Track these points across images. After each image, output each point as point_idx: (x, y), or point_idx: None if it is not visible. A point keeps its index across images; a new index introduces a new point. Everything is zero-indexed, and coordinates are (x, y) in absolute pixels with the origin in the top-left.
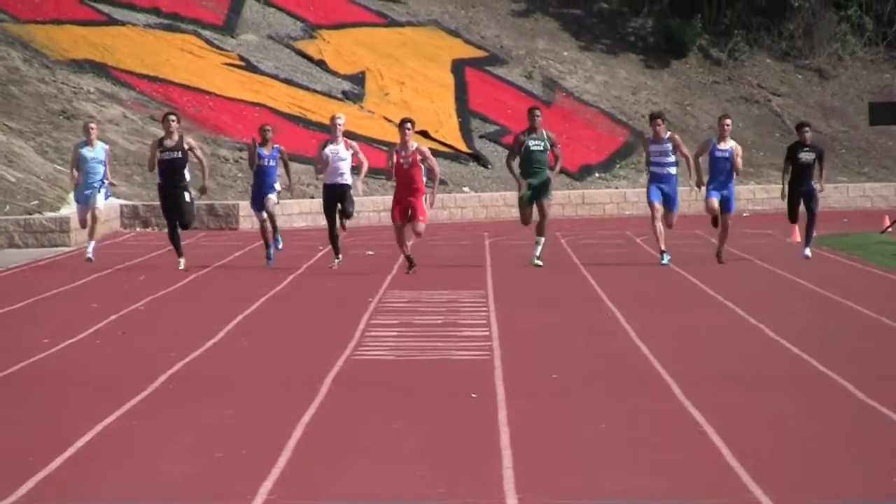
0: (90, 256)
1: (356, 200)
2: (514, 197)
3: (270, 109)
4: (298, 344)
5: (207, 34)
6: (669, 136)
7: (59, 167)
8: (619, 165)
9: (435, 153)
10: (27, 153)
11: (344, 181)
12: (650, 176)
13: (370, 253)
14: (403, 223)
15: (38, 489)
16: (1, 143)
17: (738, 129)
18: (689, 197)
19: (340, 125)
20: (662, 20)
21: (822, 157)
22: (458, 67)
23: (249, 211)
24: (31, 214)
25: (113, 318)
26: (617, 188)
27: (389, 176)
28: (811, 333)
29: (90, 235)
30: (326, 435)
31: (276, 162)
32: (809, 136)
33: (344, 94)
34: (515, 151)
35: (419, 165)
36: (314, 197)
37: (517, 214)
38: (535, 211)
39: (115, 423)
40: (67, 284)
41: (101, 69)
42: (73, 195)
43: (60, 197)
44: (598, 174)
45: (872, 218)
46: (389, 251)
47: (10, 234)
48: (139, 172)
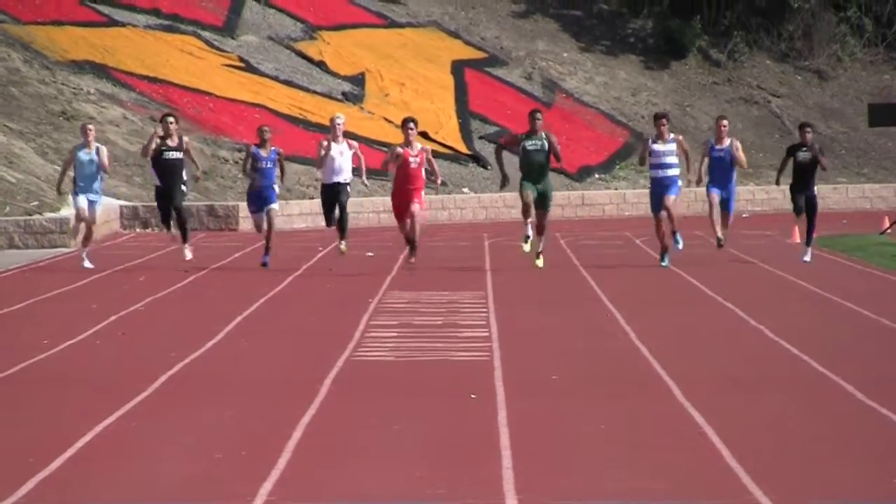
0: (87, 265)
1: (355, 200)
2: (514, 198)
3: (270, 111)
4: (298, 345)
5: (207, 35)
6: (673, 137)
7: (59, 168)
8: (618, 166)
9: (435, 154)
10: (27, 154)
11: (343, 180)
12: (651, 181)
13: (370, 254)
14: (406, 214)
15: (37, 490)
16: (1, 144)
17: (737, 129)
18: (688, 198)
19: (340, 125)
20: (662, 21)
21: (818, 157)
22: (457, 68)
23: (249, 212)
24: (31, 215)
25: (113, 318)
26: (616, 189)
27: (386, 166)
28: (811, 334)
29: (84, 243)
30: (326, 436)
31: (273, 164)
32: (810, 136)
33: (344, 95)
34: (506, 146)
35: (423, 165)
36: (314, 198)
37: (517, 215)
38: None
39: (114, 423)
40: (67, 285)
41: (101, 70)
42: (64, 185)
43: (65, 200)
44: (597, 175)
45: (872, 219)
46: (389, 252)
47: (10, 234)
48: (139, 173)
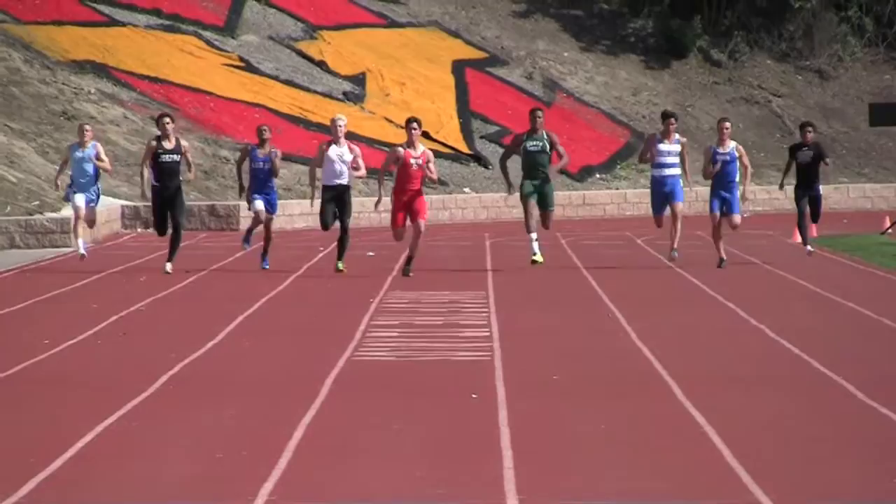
0: (83, 252)
1: (355, 199)
2: (515, 198)
3: (271, 110)
4: (299, 345)
5: (208, 35)
6: (679, 138)
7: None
8: (619, 166)
9: (436, 154)
10: (28, 154)
11: (343, 182)
12: (652, 182)
13: (370, 254)
14: (404, 228)
15: (38, 490)
16: (2, 144)
17: (738, 129)
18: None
19: (341, 126)
20: (663, 21)
21: (821, 156)
22: (458, 68)
23: (250, 212)
24: (32, 215)
25: (114, 319)
26: (617, 189)
27: (382, 176)
28: (812, 334)
29: (78, 234)
30: (327, 436)
31: (269, 165)
32: (811, 136)
33: (345, 94)
34: (511, 151)
35: (424, 167)
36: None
37: (518, 215)
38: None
39: (115, 423)
40: (68, 285)
41: (101, 70)
42: (61, 181)
43: (61, 198)
44: (598, 175)
45: (873, 219)
46: (390, 252)
47: (11, 234)
48: (148, 184)
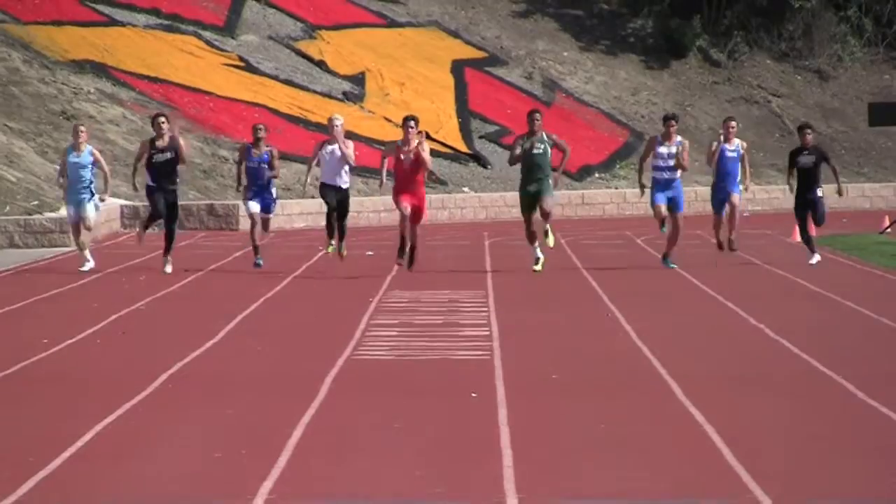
0: (88, 267)
1: (354, 200)
2: (514, 198)
3: (270, 110)
4: (299, 344)
5: (207, 35)
6: (680, 140)
7: (59, 168)
8: (619, 166)
9: (435, 153)
10: (27, 154)
11: (340, 184)
12: (653, 181)
13: (370, 253)
14: (405, 205)
15: (38, 489)
16: (1, 143)
17: (738, 129)
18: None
19: (338, 126)
20: (662, 21)
21: (826, 158)
22: (458, 68)
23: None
24: (31, 215)
25: (113, 318)
26: (617, 188)
27: (382, 179)
28: (811, 333)
29: (81, 247)
30: (327, 434)
31: (266, 164)
32: (810, 138)
33: (344, 94)
34: (516, 154)
35: (418, 163)
36: (314, 197)
37: (518, 215)
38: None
39: (114, 422)
40: (67, 285)
41: (101, 70)
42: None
43: (60, 197)
44: (597, 174)
45: (872, 218)
46: (389, 251)
47: (10, 234)
48: (140, 173)
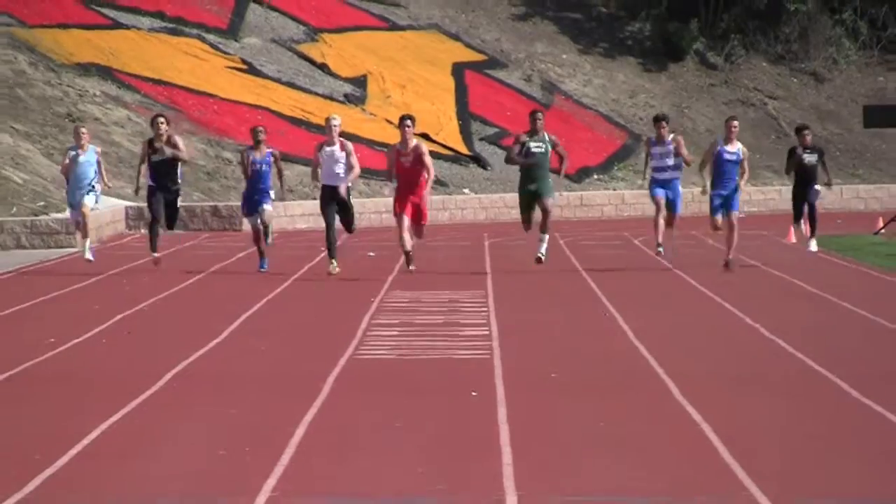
0: (89, 257)
1: (356, 201)
2: (513, 199)
3: (273, 112)
4: (301, 343)
5: (211, 38)
6: (672, 137)
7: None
8: (617, 168)
9: (436, 155)
10: (33, 155)
11: (341, 182)
12: (651, 179)
13: (371, 254)
14: (405, 215)
15: (44, 486)
16: (8, 145)
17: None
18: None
19: (336, 127)
20: (660, 24)
21: (822, 155)
22: (458, 70)
23: (243, 214)
24: (37, 216)
25: (118, 318)
26: (615, 190)
27: (391, 176)
28: (807, 333)
29: (83, 234)
30: (329, 432)
31: (268, 167)
32: (810, 138)
33: (346, 96)
34: (513, 153)
35: (420, 162)
36: (316, 198)
37: (517, 216)
38: (536, 212)
39: (120, 421)
40: (73, 285)
41: (106, 72)
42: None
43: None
44: (596, 176)
45: (866, 219)
46: (390, 252)
47: (16, 235)
48: (144, 174)
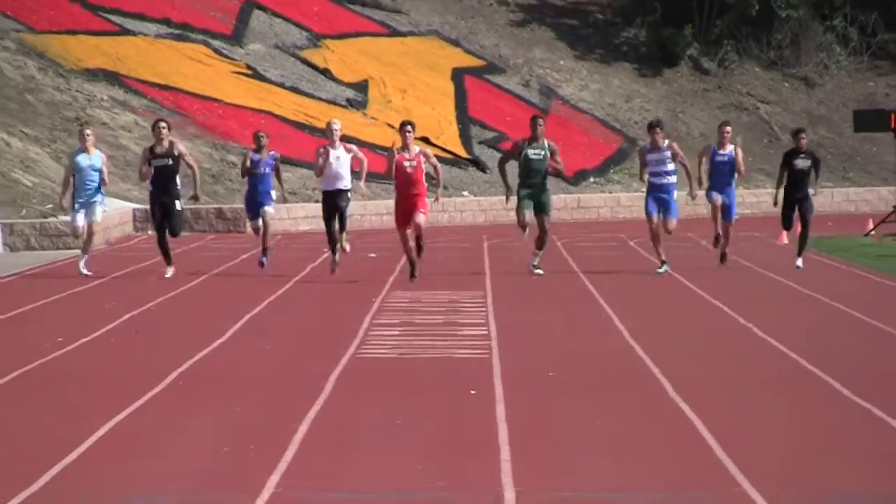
0: (84, 272)
1: (358, 203)
2: (512, 201)
3: (277, 116)
4: (304, 343)
5: (216, 44)
6: (668, 144)
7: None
8: (613, 170)
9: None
10: (42, 159)
11: (343, 186)
12: (648, 187)
13: (373, 255)
14: (407, 228)
15: (53, 484)
16: (18, 149)
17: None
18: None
19: (337, 130)
20: (655, 30)
21: (818, 164)
22: (457, 76)
23: (248, 218)
24: (46, 218)
25: (126, 318)
26: (611, 192)
27: (390, 173)
28: (798, 333)
29: (84, 249)
30: (331, 430)
31: (270, 170)
32: (805, 142)
33: (348, 101)
34: (510, 156)
35: (422, 168)
36: (318, 201)
37: (515, 218)
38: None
39: (127, 418)
40: (81, 286)
41: (113, 78)
42: (66, 201)
43: (60, 205)
44: (592, 179)
45: (856, 221)
46: (391, 253)
47: (26, 236)
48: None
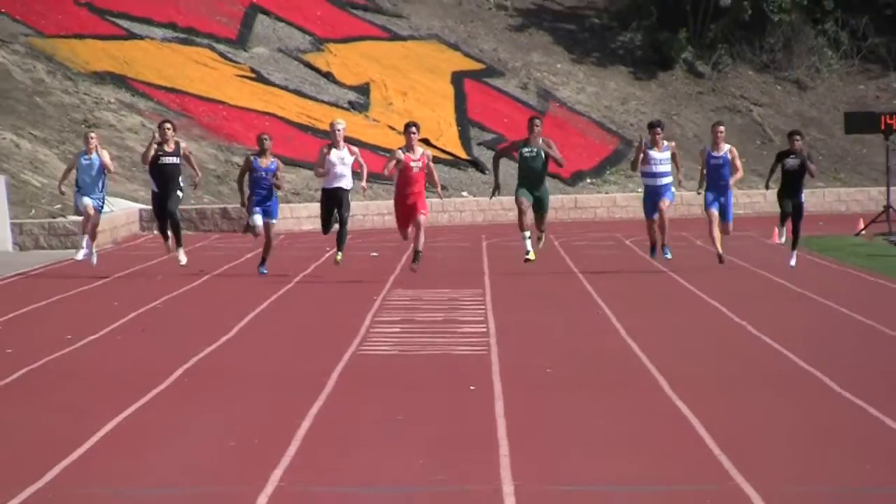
0: (84, 252)
1: (359, 203)
2: (510, 202)
3: (280, 119)
4: (307, 340)
5: (221, 48)
6: (668, 145)
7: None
8: (609, 172)
9: (435, 160)
10: (51, 160)
11: (344, 185)
12: (645, 190)
13: (374, 254)
14: (407, 228)
15: (60, 477)
16: (27, 150)
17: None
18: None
19: (340, 130)
20: (650, 35)
21: (805, 162)
22: (457, 79)
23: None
24: (54, 218)
25: (132, 315)
26: (607, 193)
27: (388, 170)
28: (791, 331)
29: (92, 236)
30: (333, 425)
31: (271, 174)
32: (799, 144)
33: (350, 104)
34: (505, 152)
35: (424, 170)
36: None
37: (514, 218)
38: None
39: (134, 414)
40: (89, 284)
41: (120, 81)
42: (64, 186)
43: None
44: (589, 180)
45: (847, 221)
46: (393, 252)
47: (35, 236)
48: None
